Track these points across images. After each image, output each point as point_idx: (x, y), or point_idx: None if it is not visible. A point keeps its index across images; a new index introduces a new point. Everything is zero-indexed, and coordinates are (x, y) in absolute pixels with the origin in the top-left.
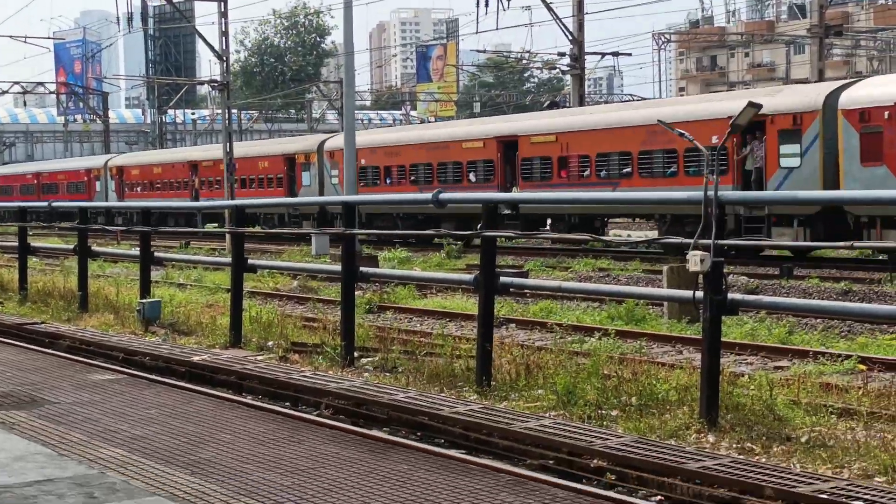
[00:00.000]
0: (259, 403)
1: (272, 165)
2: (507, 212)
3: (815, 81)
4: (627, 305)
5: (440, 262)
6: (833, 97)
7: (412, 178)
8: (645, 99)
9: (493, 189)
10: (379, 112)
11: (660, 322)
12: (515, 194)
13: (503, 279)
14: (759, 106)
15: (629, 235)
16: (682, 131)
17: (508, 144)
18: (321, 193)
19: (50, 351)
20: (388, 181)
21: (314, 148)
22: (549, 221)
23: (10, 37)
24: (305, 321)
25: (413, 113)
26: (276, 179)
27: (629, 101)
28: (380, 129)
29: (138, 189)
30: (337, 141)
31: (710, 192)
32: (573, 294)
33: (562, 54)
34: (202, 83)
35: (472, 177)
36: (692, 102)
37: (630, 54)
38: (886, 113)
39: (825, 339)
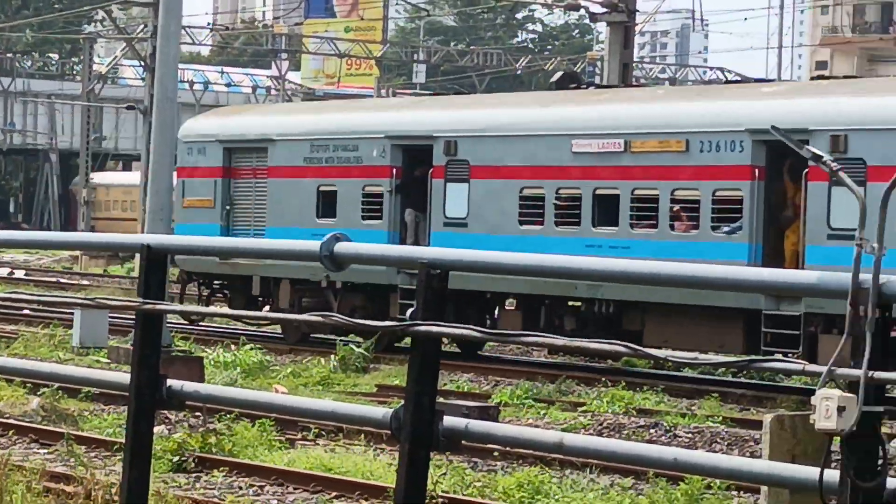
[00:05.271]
0: None
1: None
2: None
3: None
4: (689, 488)
5: (327, 378)
6: None
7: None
8: (748, 80)
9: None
10: (225, 71)
11: None
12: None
13: (450, 420)
14: None
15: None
16: (820, 153)
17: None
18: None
19: None
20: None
21: None
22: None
23: None
24: (52, 480)
25: (293, 77)
26: None
27: (716, 82)
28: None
29: None
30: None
31: (866, 276)
32: (584, 458)
33: None
34: None
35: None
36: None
37: None
38: None
39: None
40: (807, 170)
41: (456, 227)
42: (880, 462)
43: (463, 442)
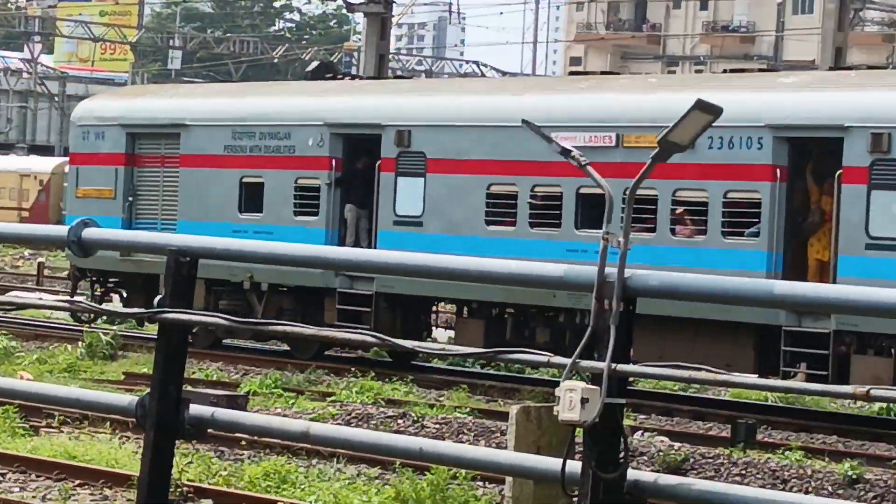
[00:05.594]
0: None
1: None
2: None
3: (830, 68)
4: (435, 478)
5: (74, 365)
6: None
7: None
8: (507, 74)
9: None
10: None
11: None
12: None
13: (196, 409)
14: (717, 109)
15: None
16: (569, 147)
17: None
18: None
19: None
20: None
21: None
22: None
23: None
24: None
25: (46, 60)
26: None
27: (472, 75)
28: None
29: None
30: None
31: (612, 269)
32: (331, 448)
33: None
34: None
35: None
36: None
37: None
38: None
39: None
40: (840, 171)
41: (409, 225)
42: (622, 453)
43: (209, 430)
